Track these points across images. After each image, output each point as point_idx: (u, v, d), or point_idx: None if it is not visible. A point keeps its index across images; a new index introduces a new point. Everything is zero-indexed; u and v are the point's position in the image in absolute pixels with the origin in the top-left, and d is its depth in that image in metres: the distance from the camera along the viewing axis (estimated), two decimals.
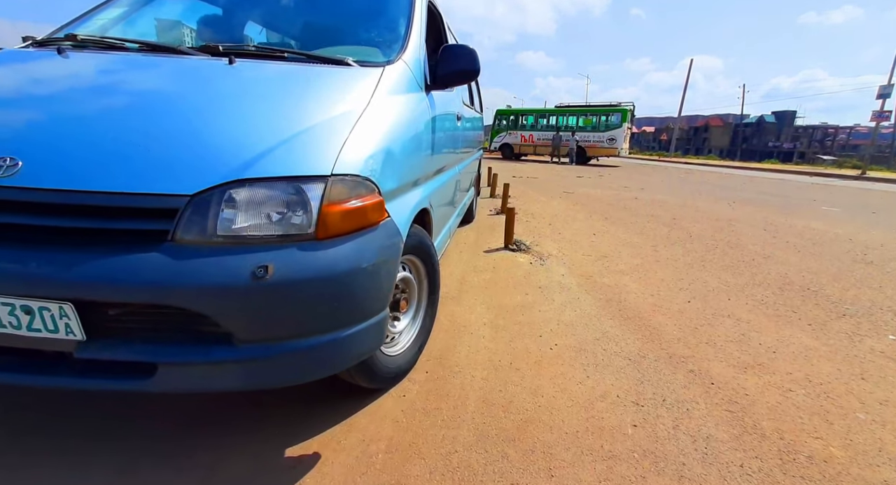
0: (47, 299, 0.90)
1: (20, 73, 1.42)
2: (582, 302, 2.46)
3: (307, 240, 1.01)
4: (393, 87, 1.49)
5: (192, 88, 1.30)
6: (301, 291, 0.98)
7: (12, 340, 0.94)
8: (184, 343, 0.97)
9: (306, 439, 1.28)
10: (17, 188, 0.93)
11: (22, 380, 0.98)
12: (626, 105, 18.54)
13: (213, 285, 0.91)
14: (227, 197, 0.97)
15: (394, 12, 1.94)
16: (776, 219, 5.74)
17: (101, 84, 1.32)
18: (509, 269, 3.04)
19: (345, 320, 1.08)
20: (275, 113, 1.18)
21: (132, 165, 0.98)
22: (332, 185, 1.04)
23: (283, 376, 1.04)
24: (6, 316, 0.91)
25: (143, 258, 0.91)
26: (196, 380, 0.99)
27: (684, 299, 2.56)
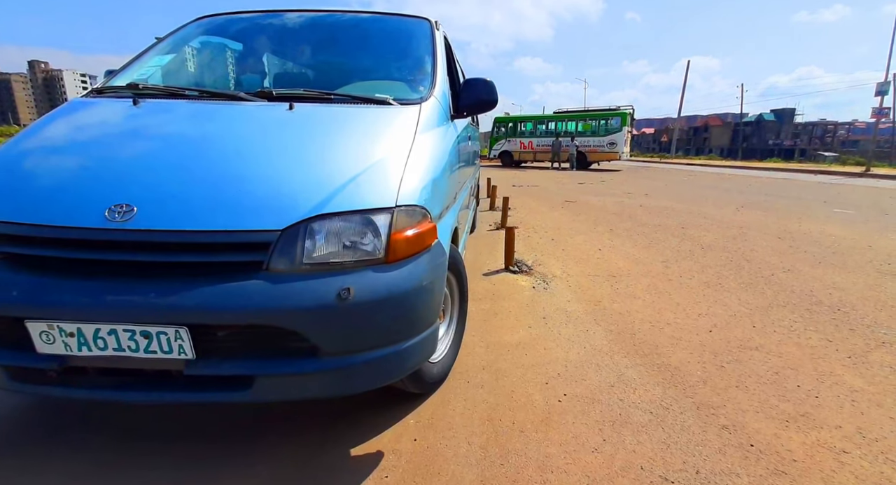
0: (164, 325, 1.03)
1: (105, 123, 1.56)
2: (591, 335, 2.22)
3: (378, 263, 1.16)
4: (429, 121, 1.66)
5: (263, 133, 1.44)
6: (376, 309, 1.13)
7: (128, 362, 1.08)
8: (276, 358, 1.10)
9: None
10: (136, 231, 1.07)
11: (136, 397, 1.14)
12: (626, 108, 18.38)
13: (306, 307, 1.05)
14: (311, 230, 1.12)
15: (419, 50, 2.12)
16: (789, 224, 5.49)
17: (183, 132, 1.45)
18: (510, 295, 2.81)
19: (408, 333, 1.23)
20: (339, 154, 1.34)
21: (229, 205, 1.13)
22: (396, 215, 1.20)
23: (360, 384, 1.19)
24: (126, 340, 1.04)
25: (246, 286, 1.05)
26: (287, 390, 1.12)
27: (705, 328, 2.31)
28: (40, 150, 1.42)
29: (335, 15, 2.36)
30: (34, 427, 1.48)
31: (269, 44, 2.39)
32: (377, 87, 1.92)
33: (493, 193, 6.76)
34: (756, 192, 10.04)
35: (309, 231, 1.12)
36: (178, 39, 2.16)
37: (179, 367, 1.08)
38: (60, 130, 1.54)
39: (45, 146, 1.44)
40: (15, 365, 1.11)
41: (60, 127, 1.55)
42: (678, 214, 6.25)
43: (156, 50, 2.09)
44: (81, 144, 1.43)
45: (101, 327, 1.04)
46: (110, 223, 1.07)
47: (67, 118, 1.61)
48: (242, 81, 2.29)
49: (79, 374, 1.14)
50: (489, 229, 5.06)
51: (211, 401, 1.13)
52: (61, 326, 1.04)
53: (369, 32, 2.31)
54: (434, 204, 1.39)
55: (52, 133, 1.51)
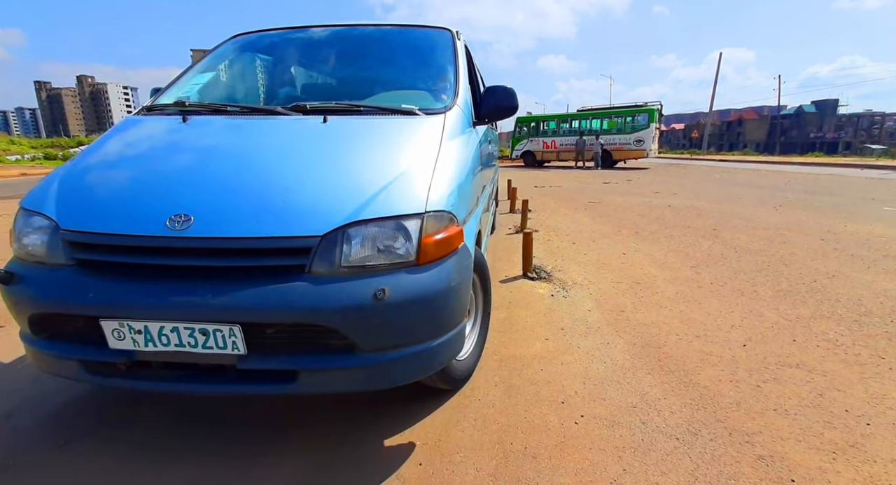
0: (221, 323, 1.15)
1: (159, 138, 1.71)
2: (613, 349, 2.09)
3: (410, 266, 1.25)
4: (453, 129, 1.74)
5: (301, 144, 1.56)
6: (409, 308, 1.21)
7: (188, 356, 1.21)
8: (318, 354, 1.22)
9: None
10: (194, 238, 1.18)
11: (194, 388, 1.29)
12: (653, 104, 17.77)
13: (345, 306, 1.15)
14: (348, 235, 1.21)
15: (442, 60, 2.21)
16: (833, 225, 5.11)
17: (228, 145, 1.58)
18: (528, 304, 2.70)
19: (438, 331, 1.32)
20: (371, 163, 1.44)
21: (273, 213, 1.23)
22: (426, 220, 1.28)
23: (394, 379, 1.28)
24: (187, 337, 1.16)
25: (290, 287, 1.15)
26: (328, 383, 1.24)
27: (738, 342, 2.14)
28: (105, 165, 1.57)
29: (360, 28, 2.50)
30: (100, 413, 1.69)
31: (299, 58, 2.56)
32: (403, 98, 2.03)
33: (513, 195, 6.63)
34: (796, 189, 9.46)
35: (346, 236, 1.21)
36: (216, 57, 2.32)
37: (232, 361, 1.19)
38: (120, 146, 1.70)
39: (108, 161, 1.60)
40: (90, 359, 1.26)
41: (120, 143, 1.72)
42: (709, 215, 5.95)
43: (196, 68, 2.25)
44: (140, 158, 1.58)
45: (165, 325, 1.17)
46: (171, 232, 1.19)
47: (124, 135, 1.77)
48: (277, 94, 2.43)
49: (144, 367, 1.28)
50: (508, 233, 4.95)
51: (260, 393, 1.23)
52: (130, 324, 1.17)
53: (393, 44, 2.43)
54: (460, 209, 1.46)
55: (112, 149, 1.67)
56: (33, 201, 1.40)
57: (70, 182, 1.45)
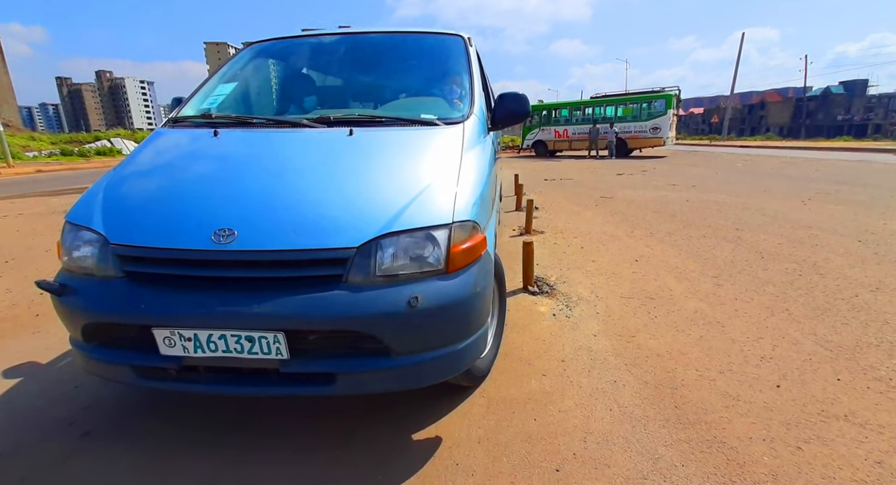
0: (266, 330, 1.21)
1: (194, 153, 1.76)
2: (621, 389, 1.79)
3: (440, 274, 1.31)
4: (472, 139, 1.79)
5: (330, 158, 1.61)
6: (440, 314, 1.28)
7: (234, 361, 1.26)
8: (355, 357, 1.28)
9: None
10: (238, 251, 1.24)
11: (242, 390, 1.32)
12: (671, 90, 16.98)
13: (381, 314, 1.21)
14: (381, 246, 1.27)
15: (456, 68, 2.25)
16: (870, 222, 4.65)
17: (262, 160, 1.63)
18: (525, 326, 2.41)
19: (465, 334, 1.39)
20: (399, 175, 1.50)
21: (311, 226, 1.29)
22: (454, 230, 1.34)
23: (425, 379, 1.35)
24: (233, 343, 1.23)
25: (329, 296, 1.22)
26: (364, 384, 1.29)
27: (771, 380, 1.82)
28: (145, 178, 1.63)
29: (374, 35, 2.56)
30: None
31: (315, 65, 2.63)
32: (421, 105, 2.13)
33: (519, 192, 6.28)
34: (825, 179, 8.86)
35: (380, 247, 1.27)
36: (234, 66, 2.37)
37: (276, 366, 1.26)
38: (156, 159, 1.77)
39: (147, 175, 1.66)
40: (143, 365, 1.32)
41: (155, 156, 1.78)
42: (732, 211, 5.51)
43: (216, 78, 2.29)
44: (179, 172, 1.62)
45: (213, 333, 1.23)
46: (216, 245, 1.25)
47: (158, 147, 1.83)
48: (297, 102, 2.49)
49: (192, 372, 1.34)
50: (512, 235, 4.63)
51: (302, 394, 1.30)
52: (181, 332, 1.23)
53: (409, 51, 2.49)
54: (482, 216, 1.51)
55: (149, 162, 1.74)
56: (79, 215, 1.46)
57: (114, 196, 1.51)
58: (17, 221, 6.14)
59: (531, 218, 4.69)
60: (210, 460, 1.43)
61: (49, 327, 2.52)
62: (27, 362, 2.12)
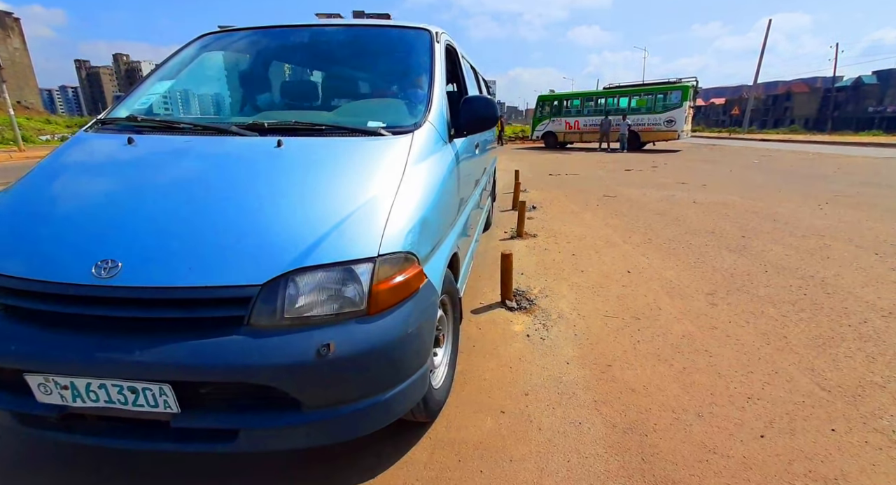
0: (149, 381, 1.07)
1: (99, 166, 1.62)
2: (585, 433, 1.62)
3: (360, 316, 1.16)
4: (422, 151, 1.61)
5: (248, 176, 1.43)
6: (359, 363, 1.13)
7: (120, 412, 1.12)
8: (259, 411, 1.13)
9: None
10: (121, 287, 1.09)
11: (130, 445, 1.18)
12: (688, 81, 16.29)
13: (285, 364, 1.07)
14: (291, 283, 1.12)
15: (416, 67, 2.04)
16: (891, 232, 4.32)
17: (170, 176, 1.44)
18: (494, 349, 2.24)
19: (394, 381, 1.23)
20: (324, 197, 1.32)
21: (209, 259, 1.14)
22: (379, 265, 1.18)
23: (345, 433, 1.22)
24: (116, 394, 1.09)
25: (226, 342, 1.07)
26: (270, 441, 1.15)
27: (756, 428, 1.62)
28: (39, 197, 1.45)
29: (334, 29, 2.36)
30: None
31: (267, 60, 2.42)
32: (372, 109, 2.00)
33: (517, 190, 6.03)
34: (847, 178, 8.38)
35: (289, 284, 1.12)
36: (179, 61, 2.17)
37: (167, 419, 1.11)
38: (59, 173, 1.59)
39: (43, 193, 1.48)
40: (19, 411, 1.18)
41: (60, 169, 1.61)
42: (740, 215, 5.21)
43: (157, 74, 2.11)
44: (74, 191, 1.47)
45: (92, 382, 1.08)
46: (96, 280, 1.10)
47: (68, 158, 1.67)
48: (239, 101, 2.35)
49: (79, 420, 1.19)
50: (503, 238, 4.42)
51: (199, 451, 1.20)
52: (56, 380, 1.09)
53: (368, 46, 2.28)
54: (422, 245, 1.35)
55: (51, 176, 1.56)
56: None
57: (2, 217, 1.36)
58: None
59: (523, 221, 4.47)
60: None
61: None
62: None
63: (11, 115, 15.96)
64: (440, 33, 2.25)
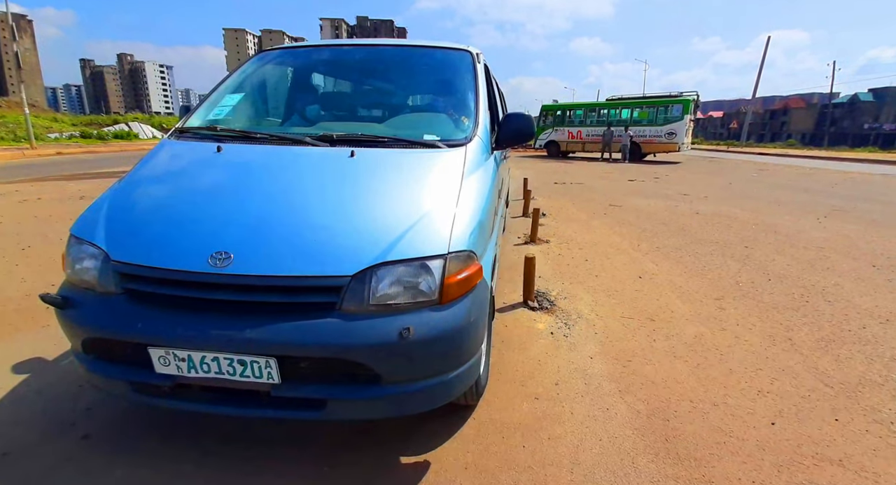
0: (257, 355, 1.22)
1: (197, 169, 1.78)
2: (613, 418, 1.79)
3: (433, 305, 1.31)
4: (473, 162, 1.78)
5: (331, 181, 1.62)
6: (431, 345, 1.28)
7: (226, 382, 1.28)
8: (345, 384, 1.30)
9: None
10: (234, 275, 1.25)
11: (234, 411, 1.35)
12: (689, 95, 16.66)
13: (373, 344, 1.22)
14: (376, 275, 1.27)
15: (462, 85, 2.23)
16: (889, 246, 4.54)
17: (265, 181, 1.63)
18: (522, 344, 2.41)
19: (456, 364, 1.39)
20: (397, 201, 1.50)
21: (308, 252, 1.30)
22: (449, 261, 1.33)
23: (413, 408, 1.38)
24: (226, 366, 1.25)
25: (322, 324, 1.23)
26: (354, 411, 1.32)
27: (766, 417, 1.80)
28: (148, 194, 1.64)
29: (383, 48, 2.54)
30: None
31: (323, 76, 2.68)
32: (425, 122, 2.20)
33: (527, 198, 6.23)
34: (844, 194, 8.64)
35: (375, 276, 1.27)
36: (243, 75, 2.38)
37: (267, 389, 1.27)
38: (160, 173, 1.79)
39: (151, 191, 1.67)
40: (138, 381, 1.35)
41: (159, 171, 1.80)
42: (742, 227, 5.42)
43: (224, 88, 2.28)
44: (181, 190, 1.64)
45: (207, 355, 1.24)
46: (212, 268, 1.26)
47: (163, 162, 1.85)
48: (303, 113, 2.51)
49: (186, 389, 1.35)
50: (517, 243, 4.61)
51: (293, 418, 1.35)
52: (175, 353, 1.26)
53: (416, 65, 2.50)
54: (479, 245, 1.50)
55: (153, 177, 1.76)
56: (83, 229, 1.48)
57: (117, 211, 1.53)
58: (35, 205, 6.29)
59: (537, 227, 4.66)
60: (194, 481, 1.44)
61: None
62: (34, 358, 2.19)
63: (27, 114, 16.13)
64: (479, 54, 2.45)
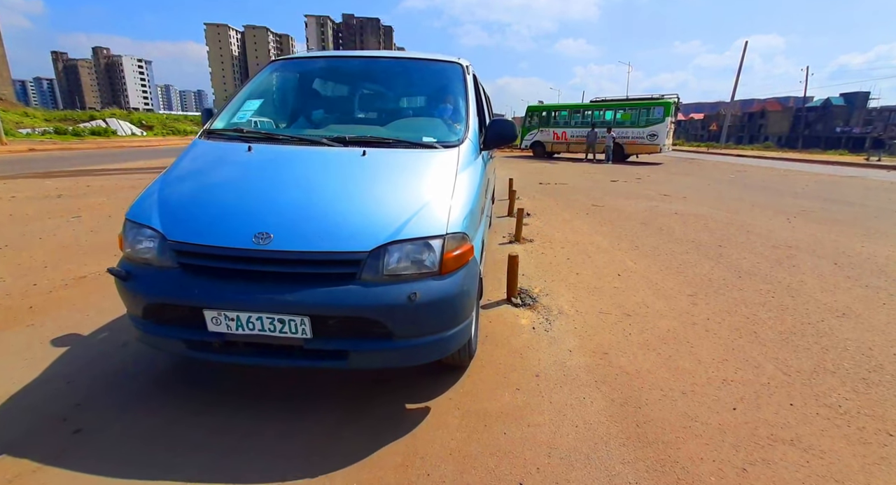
0: (294, 315, 1.51)
1: (233, 164, 2.03)
2: (588, 406, 1.91)
3: (434, 275, 1.60)
4: (465, 161, 2.08)
5: (348, 175, 1.89)
6: (433, 307, 1.58)
7: (268, 338, 1.56)
8: (364, 339, 1.58)
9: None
10: (274, 251, 1.53)
11: (275, 362, 1.65)
12: (670, 97, 17.08)
13: (387, 305, 1.51)
14: (388, 251, 1.56)
15: (454, 93, 2.55)
16: (850, 244, 4.80)
17: (292, 175, 1.89)
18: (505, 339, 2.52)
19: (452, 324, 1.69)
20: (403, 191, 1.79)
21: (333, 233, 1.59)
22: (447, 240, 1.63)
23: (419, 358, 1.68)
24: (268, 324, 1.52)
25: (346, 290, 1.52)
26: (370, 361, 1.62)
27: (729, 403, 1.94)
28: (193, 184, 1.91)
29: (383, 60, 2.85)
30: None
31: (331, 83, 3.01)
32: (422, 126, 2.46)
33: (512, 197, 6.36)
34: (814, 195, 9.03)
35: (387, 252, 1.56)
36: (258, 82, 2.67)
37: (301, 343, 1.56)
38: (199, 167, 2.06)
39: (194, 181, 1.94)
40: (193, 339, 1.62)
41: (199, 165, 2.07)
42: (717, 227, 5.65)
43: (242, 95, 2.56)
44: (223, 181, 1.91)
45: (252, 315, 1.52)
46: (256, 246, 1.54)
47: (200, 157, 2.12)
48: (312, 116, 2.77)
49: (233, 346, 1.63)
50: (501, 243, 4.73)
51: (322, 367, 1.62)
52: (226, 314, 1.53)
53: (413, 75, 2.81)
54: (471, 229, 1.81)
55: (194, 170, 2.03)
56: (139, 214, 1.75)
57: (168, 199, 1.79)
58: (9, 204, 6.15)
59: (521, 226, 4.79)
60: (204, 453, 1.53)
61: (43, 320, 2.59)
62: (21, 356, 2.20)
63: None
64: (469, 66, 2.76)
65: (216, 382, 2.03)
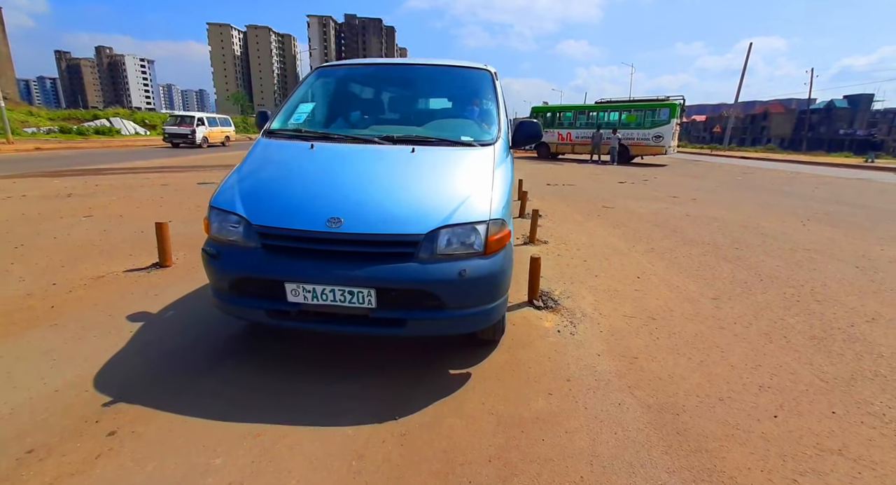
0: (362, 287, 1.76)
1: (300, 159, 2.25)
2: (625, 412, 1.86)
3: (480, 255, 1.85)
4: (499, 157, 2.30)
5: (401, 169, 2.14)
6: (479, 283, 1.82)
7: (339, 308, 1.81)
8: (419, 309, 1.83)
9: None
10: (345, 233, 1.79)
11: (347, 329, 1.89)
12: (676, 99, 17.00)
13: (441, 279, 1.76)
14: (441, 234, 1.81)
15: (486, 97, 2.82)
16: (868, 248, 4.74)
17: (354, 168, 2.15)
18: (531, 342, 2.47)
19: (493, 298, 1.93)
20: (451, 183, 2.05)
21: (394, 218, 1.84)
22: (490, 225, 1.88)
23: (466, 327, 1.91)
24: (339, 296, 1.77)
25: (406, 267, 1.77)
26: (425, 328, 1.87)
27: (769, 410, 1.89)
28: (267, 176, 2.18)
29: (418, 66, 3.14)
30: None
31: (373, 88, 3.28)
32: (459, 127, 2.67)
33: (524, 198, 6.31)
34: (825, 198, 8.96)
35: (440, 235, 1.80)
36: (306, 88, 2.94)
37: (366, 313, 1.80)
38: (271, 161, 2.30)
39: (268, 173, 2.20)
40: (274, 309, 1.86)
41: (270, 159, 2.32)
42: (731, 229, 5.59)
43: (293, 99, 2.83)
44: (295, 173, 2.15)
45: (326, 288, 1.76)
46: (329, 228, 1.79)
47: (269, 154, 2.37)
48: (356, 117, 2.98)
49: (306, 315, 1.87)
50: (516, 244, 4.67)
51: (385, 333, 1.91)
52: (304, 286, 1.77)
53: (446, 80, 3.09)
54: (507, 216, 2.02)
55: (266, 164, 2.28)
56: (223, 202, 1.99)
57: (247, 188, 2.05)
58: (21, 203, 6.11)
59: (535, 227, 4.74)
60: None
61: (66, 320, 2.55)
62: (46, 357, 2.15)
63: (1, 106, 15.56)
64: (496, 72, 3.01)
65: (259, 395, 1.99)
